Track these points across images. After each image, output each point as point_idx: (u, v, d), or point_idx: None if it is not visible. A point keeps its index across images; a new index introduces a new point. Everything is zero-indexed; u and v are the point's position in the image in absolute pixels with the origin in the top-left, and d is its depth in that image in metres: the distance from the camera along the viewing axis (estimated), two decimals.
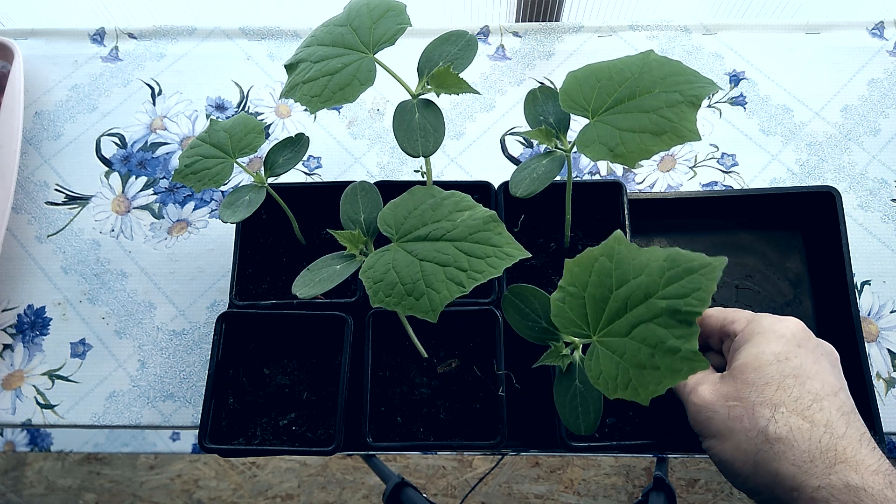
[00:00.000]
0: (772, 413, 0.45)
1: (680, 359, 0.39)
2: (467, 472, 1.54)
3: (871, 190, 0.74)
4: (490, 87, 0.82)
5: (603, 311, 0.42)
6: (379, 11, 0.53)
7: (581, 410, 0.46)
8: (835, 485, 0.41)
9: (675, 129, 0.46)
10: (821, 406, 0.45)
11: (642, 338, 0.40)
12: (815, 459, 0.43)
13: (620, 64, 0.50)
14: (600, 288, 0.42)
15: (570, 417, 0.46)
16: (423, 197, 0.49)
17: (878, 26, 0.83)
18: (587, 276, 0.43)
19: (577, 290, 0.43)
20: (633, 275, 0.41)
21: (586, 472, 1.54)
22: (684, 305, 0.39)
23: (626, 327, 0.41)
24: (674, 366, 0.39)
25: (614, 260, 0.42)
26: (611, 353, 0.41)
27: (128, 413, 0.68)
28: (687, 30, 0.84)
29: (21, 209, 0.77)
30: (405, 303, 0.44)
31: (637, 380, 0.40)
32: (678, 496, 1.49)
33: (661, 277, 0.40)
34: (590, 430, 0.46)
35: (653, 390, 0.39)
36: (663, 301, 0.40)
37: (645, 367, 0.39)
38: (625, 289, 0.41)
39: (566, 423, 0.47)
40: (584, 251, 0.43)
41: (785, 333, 0.48)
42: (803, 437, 0.43)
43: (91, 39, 0.87)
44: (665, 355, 0.39)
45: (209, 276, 0.73)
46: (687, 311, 0.39)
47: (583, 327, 0.43)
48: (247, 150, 0.58)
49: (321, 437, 0.58)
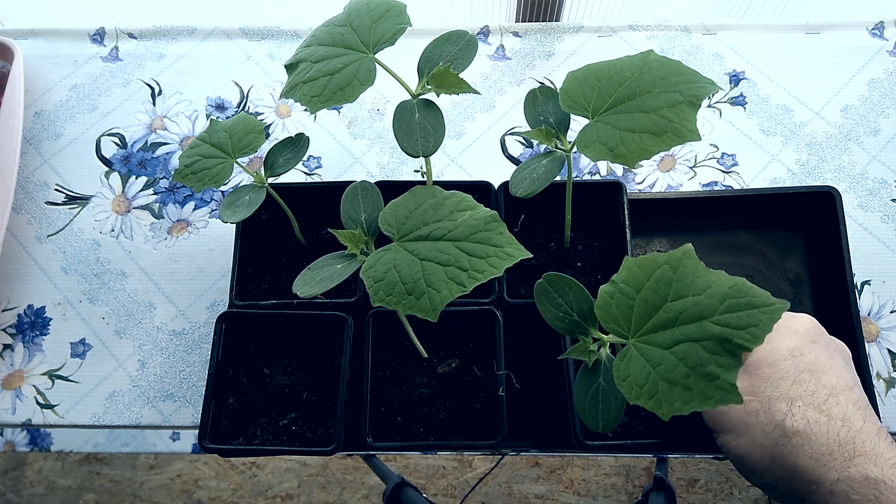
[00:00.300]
0: (788, 407, 0.45)
1: (715, 387, 0.38)
2: (467, 472, 1.54)
3: (871, 190, 0.74)
4: (490, 87, 0.82)
5: (650, 318, 0.41)
6: (379, 11, 0.53)
7: (602, 408, 0.46)
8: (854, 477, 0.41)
9: (675, 129, 0.46)
10: (837, 400, 0.45)
11: (683, 355, 0.39)
12: (833, 453, 0.43)
13: (620, 64, 0.50)
14: (655, 294, 0.41)
15: (590, 414, 0.46)
16: (424, 197, 0.49)
17: (878, 26, 0.83)
18: (645, 279, 0.42)
19: (630, 289, 0.42)
20: (694, 293, 0.41)
21: (586, 472, 1.54)
22: (737, 337, 0.39)
23: (670, 340, 0.40)
24: (707, 392, 0.38)
25: (678, 272, 0.42)
26: (645, 361, 0.40)
27: (128, 413, 0.68)
28: (687, 30, 0.84)
29: (21, 209, 0.77)
30: (406, 302, 0.44)
31: (664, 394, 0.39)
32: (678, 496, 1.49)
33: (721, 303, 0.40)
34: (608, 428, 0.45)
35: (677, 409, 0.39)
36: (717, 327, 0.39)
37: (676, 385, 0.39)
38: (680, 303, 0.41)
39: (584, 420, 0.46)
40: (648, 254, 0.43)
41: (799, 329, 0.48)
42: (821, 430, 0.43)
43: (91, 39, 0.87)
44: (701, 379, 0.38)
45: (209, 276, 0.73)
46: (738, 343, 0.38)
47: (623, 327, 0.42)
48: (247, 150, 0.58)
49: (321, 437, 0.58)
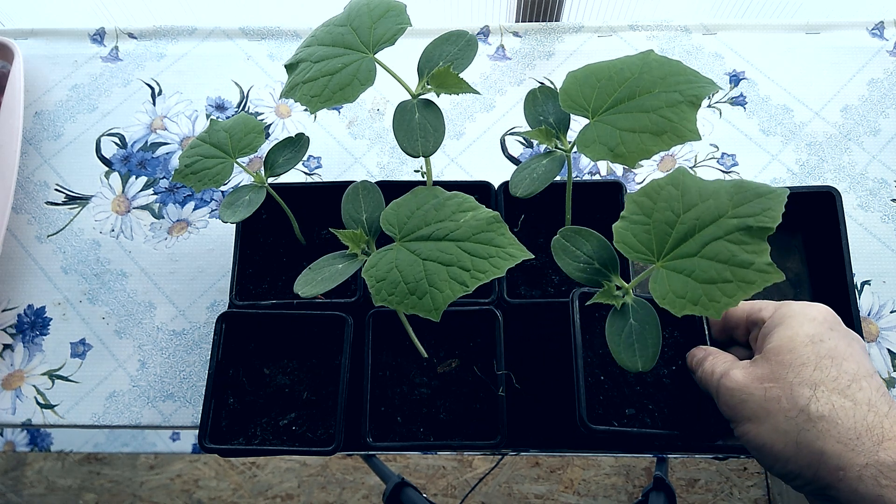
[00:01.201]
0: (812, 392, 0.44)
1: (753, 271, 0.40)
2: (467, 472, 1.54)
3: (871, 190, 0.74)
4: (490, 87, 0.82)
5: (669, 235, 0.43)
6: (379, 11, 0.53)
7: (638, 347, 0.46)
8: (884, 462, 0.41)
9: (675, 128, 0.46)
10: (860, 385, 0.44)
11: (713, 254, 0.41)
12: (861, 437, 0.42)
13: (620, 64, 0.50)
14: (667, 212, 0.43)
15: (626, 355, 0.46)
16: (426, 197, 0.49)
17: (878, 26, 0.83)
18: (652, 203, 0.44)
19: (642, 217, 0.44)
20: (702, 199, 0.43)
21: (586, 472, 1.54)
22: (756, 222, 0.41)
23: (697, 246, 0.42)
24: (747, 277, 0.40)
25: (680, 188, 0.43)
26: (678, 273, 0.42)
27: (128, 413, 0.68)
28: (687, 30, 0.84)
29: (21, 209, 0.77)
30: (408, 301, 0.44)
31: (708, 294, 0.41)
32: (678, 496, 1.49)
33: (730, 200, 0.42)
34: (647, 365, 0.46)
35: (725, 303, 0.40)
36: (734, 219, 0.41)
37: (716, 282, 0.41)
38: (693, 212, 0.43)
39: (621, 362, 0.47)
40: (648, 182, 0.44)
41: (816, 317, 0.48)
42: (847, 414, 0.43)
43: (91, 39, 0.87)
44: (738, 268, 0.40)
45: (209, 276, 0.73)
46: (759, 226, 0.40)
47: (647, 253, 0.43)
48: (247, 150, 0.58)
49: (321, 437, 0.58)
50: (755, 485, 1.52)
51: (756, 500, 1.50)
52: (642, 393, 0.57)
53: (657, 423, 0.56)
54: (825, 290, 0.68)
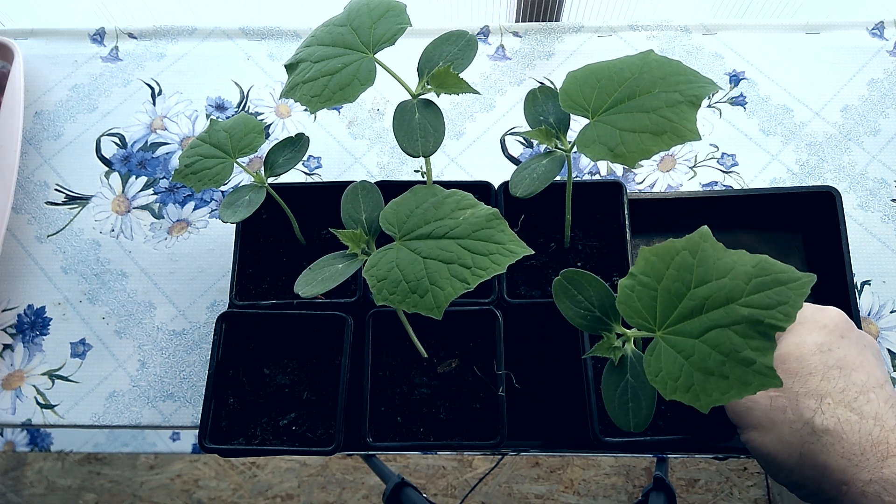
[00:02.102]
0: (818, 404, 0.43)
1: (752, 372, 0.37)
2: (467, 472, 1.54)
3: (871, 190, 0.74)
4: (490, 87, 0.82)
5: (675, 308, 0.40)
6: (379, 11, 0.53)
7: (632, 406, 0.44)
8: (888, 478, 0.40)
9: (675, 128, 0.46)
10: (868, 398, 0.43)
11: (715, 343, 0.38)
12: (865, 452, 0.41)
13: (620, 64, 0.50)
14: (677, 283, 0.40)
15: (619, 413, 0.44)
16: (425, 195, 0.49)
17: (878, 26, 0.83)
18: (664, 268, 0.41)
19: (651, 280, 0.41)
20: (717, 276, 0.39)
21: (586, 472, 1.54)
22: (768, 317, 0.37)
23: (700, 329, 0.39)
24: (744, 378, 0.37)
25: (697, 257, 0.40)
26: (676, 353, 0.39)
27: (128, 413, 0.68)
28: (687, 30, 0.84)
29: (21, 209, 0.77)
30: (409, 300, 0.44)
31: (701, 385, 0.38)
32: (678, 496, 1.49)
33: (746, 284, 0.39)
34: (640, 427, 0.44)
35: (716, 399, 0.38)
36: (746, 309, 0.38)
37: (712, 374, 0.38)
38: (704, 288, 0.39)
39: (614, 419, 0.45)
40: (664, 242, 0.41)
41: (827, 324, 0.47)
42: (852, 429, 0.42)
43: (91, 39, 0.87)
44: (737, 365, 0.37)
45: (209, 276, 0.73)
46: (769, 323, 0.37)
47: (649, 320, 0.41)
48: (247, 150, 0.58)
49: (321, 437, 0.58)
50: (755, 485, 1.52)
51: (756, 500, 1.50)
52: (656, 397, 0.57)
53: (669, 427, 0.56)
54: (825, 290, 0.68)
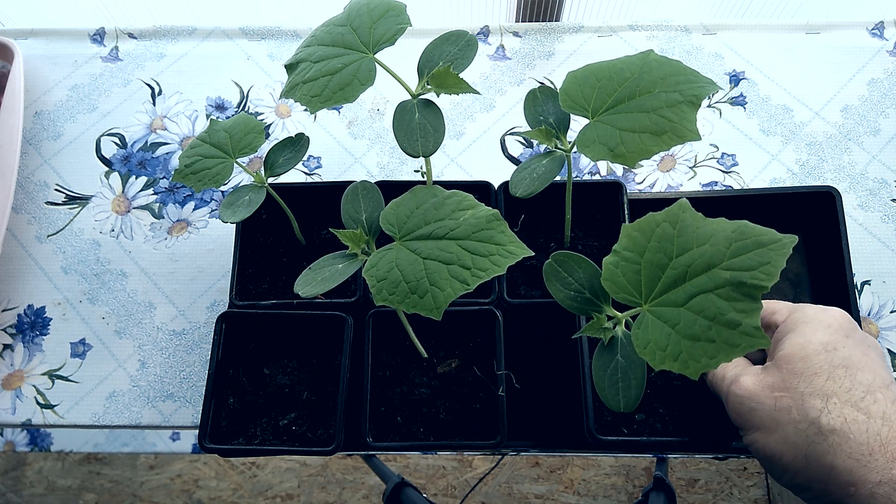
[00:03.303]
0: (823, 404, 0.42)
1: (739, 333, 0.37)
2: (467, 472, 1.54)
3: (871, 190, 0.74)
4: (490, 87, 0.82)
5: (659, 279, 0.40)
6: (379, 11, 0.53)
7: (622, 386, 0.44)
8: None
9: (675, 128, 0.46)
10: (874, 398, 0.42)
11: (700, 309, 0.38)
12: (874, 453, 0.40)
13: (620, 64, 0.50)
14: (659, 254, 0.40)
15: (610, 393, 0.44)
16: (425, 196, 0.49)
17: (878, 26, 0.83)
18: (646, 241, 0.41)
19: (633, 255, 0.41)
20: (697, 244, 0.40)
21: (586, 472, 1.54)
22: (750, 278, 0.37)
23: (684, 297, 0.39)
24: (731, 340, 0.37)
25: (677, 227, 0.41)
26: (662, 323, 0.39)
27: (128, 413, 0.68)
28: (687, 30, 0.84)
29: (21, 209, 0.77)
30: (409, 301, 0.44)
31: (689, 352, 0.38)
32: (678, 496, 1.49)
33: (727, 248, 0.39)
34: (630, 407, 0.44)
35: (704, 364, 0.38)
36: (727, 272, 0.38)
37: (699, 340, 0.38)
38: (686, 257, 0.40)
39: (605, 400, 0.44)
40: (645, 215, 0.41)
41: (832, 323, 0.46)
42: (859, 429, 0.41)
43: (91, 39, 0.87)
44: (723, 328, 0.38)
45: (209, 276, 0.73)
46: (753, 284, 0.37)
47: (634, 294, 0.41)
48: (247, 150, 0.58)
49: (321, 437, 0.58)
50: (755, 485, 1.52)
51: (756, 500, 1.50)
52: (653, 397, 0.57)
53: (668, 428, 0.56)
54: (825, 290, 0.68)
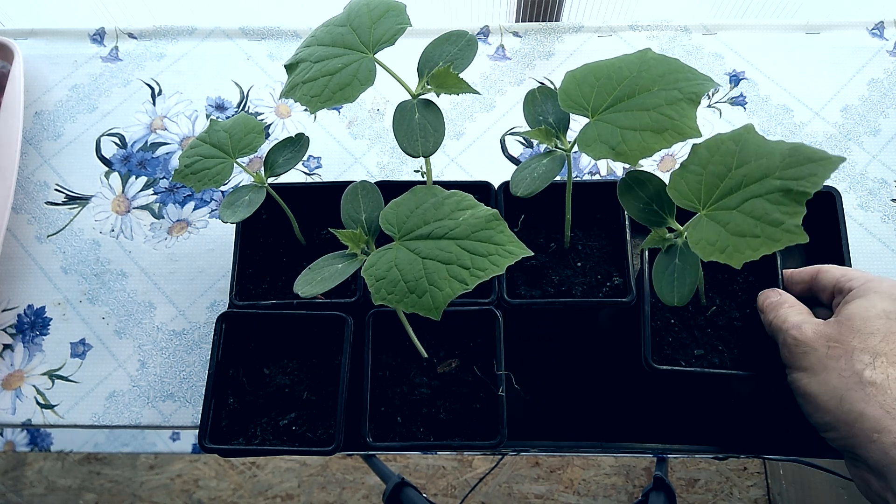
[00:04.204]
0: (871, 359, 0.46)
1: (781, 230, 0.42)
2: (467, 472, 1.54)
3: (871, 190, 0.74)
4: (490, 87, 0.82)
5: (717, 187, 0.45)
6: (379, 11, 0.53)
7: (677, 284, 0.49)
8: None
9: (675, 126, 0.46)
10: None
11: (750, 210, 0.44)
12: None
13: (618, 63, 0.50)
14: (720, 167, 0.45)
15: (666, 290, 0.49)
16: (424, 196, 0.49)
17: (878, 26, 0.83)
18: (710, 156, 0.46)
19: (698, 167, 0.46)
20: (756, 158, 0.45)
21: (586, 472, 1.54)
22: (797, 186, 0.42)
23: (738, 201, 0.44)
24: (774, 235, 0.42)
25: (740, 144, 0.46)
26: (715, 223, 0.45)
27: (128, 413, 0.68)
28: (687, 30, 0.84)
29: (21, 209, 0.77)
30: (408, 300, 0.44)
31: (735, 245, 0.43)
32: (678, 496, 1.49)
33: (781, 161, 0.44)
34: (683, 300, 0.49)
35: (748, 255, 0.43)
36: (778, 180, 0.43)
37: (745, 235, 0.43)
38: (744, 168, 0.45)
39: (661, 296, 0.49)
40: (714, 135, 0.46)
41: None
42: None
43: (91, 39, 0.87)
44: (768, 226, 0.43)
45: (209, 276, 0.73)
46: (799, 190, 0.42)
47: (694, 201, 0.46)
48: (247, 150, 0.58)
49: (321, 437, 0.58)
50: (755, 485, 1.52)
51: (756, 500, 1.50)
52: (713, 335, 0.59)
53: (725, 364, 0.57)
54: None
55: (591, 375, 0.66)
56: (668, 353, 0.58)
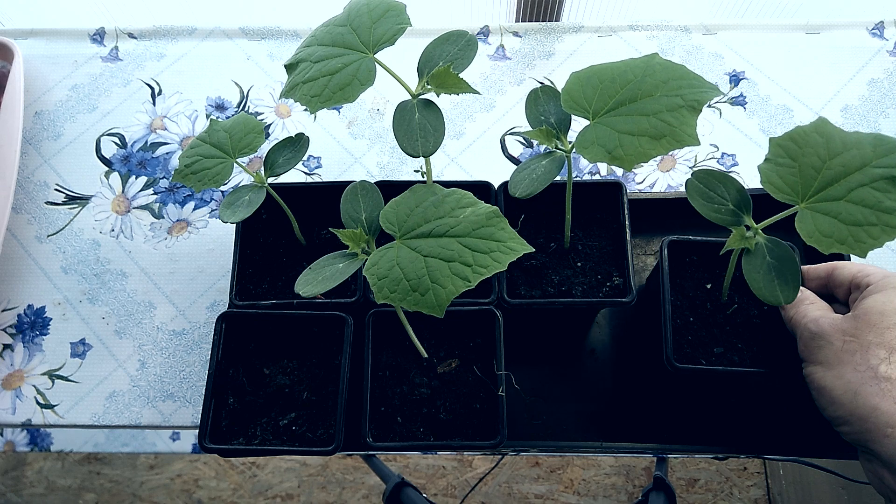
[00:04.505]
0: (887, 355, 0.47)
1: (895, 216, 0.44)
2: (467, 472, 1.54)
3: None
4: (490, 87, 0.82)
5: (815, 179, 0.46)
6: (379, 11, 0.53)
7: (778, 283, 0.49)
8: None
9: (674, 133, 0.46)
10: None
11: (860, 199, 0.45)
12: None
13: (624, 66, 0.50)
14: (813, 158, 0.46)
15: (768, 291, 0.49)
16: (425, 194, 0.49)
17: (878, 26, 0.83)
18: (798, 148, 0.47)
19: (787, 160, 0.47)
20: (845, 149, 0.46)
21: (586, 472, 1.54)
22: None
23: (843, 191, 0.45)
24: (890, 222, 0.44)
25: (825, 136, 0.47)
26: (824, 215, 0.46)
27: (128, 413, 0.68)
28: (687, 30, 0.84)
29: (21, 209, 0.77)
30: (410, 298, 0.44)
31: (854, 235, 0.45)
32: (678, 496, 1.49)
33: (872, 151, 0.45)
34: (790, 299, 0.48)
35: (871, 244, 0.45)
36: (878, 169, 0.45)
37: (862, 225, 0.45)
38: (839, 159, 0.46)
39: (763, 298, 0.49)
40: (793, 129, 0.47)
41: None
42: None
43: (91, 39, 0.87)
44: (882, 214, 0.44)
45: (209, 276, 0.73)
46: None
47: (793, 194, 0.46)
48: (247, 150, 0.58)
49: (321, 437, 0.58)
50: (755, 485, 1.52)
51: (756, 500, 1.50)
52: (732, 333, 0.59)
53: (745, 362, 0.57)
54: None
55: (591, 375, 0.66)
56: (688, 352, 0.58)
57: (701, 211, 0.51)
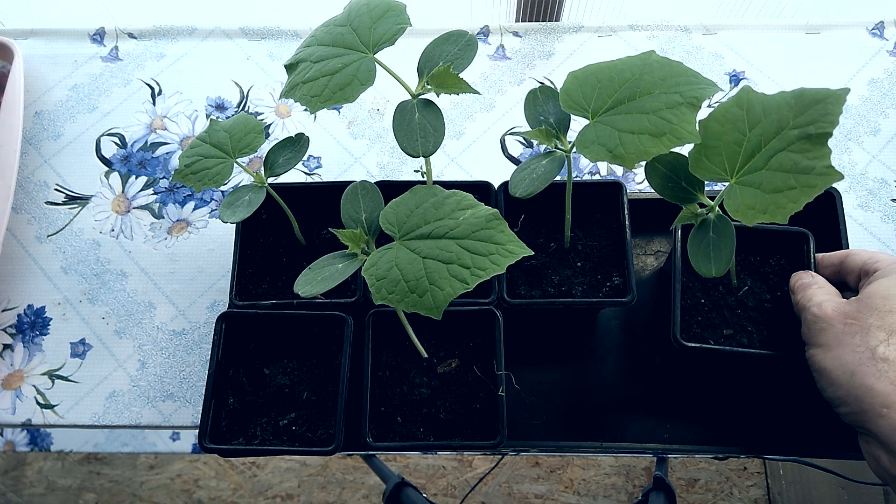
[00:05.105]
0: (886, 336, 0.47)
1: (815, 175, 0.43)
2: (467, 472, 1.54)
3: (871, 190, 0.74)
4: (490, 87, 0.82)
5: (738, 154, 0.46)
6: (379, 11, 0.53)
7: (714, 256, 0.50)
8: None
9: (674, 130, 0.46)
10: None
11: (778, 165, 0.45)
12: None
13: (621, 64, 0.50)
14: (734, 133, 0.46)
15: (703, 263, 0.50)
16: (425, 196, 0.49)
17: (878, 26, 0.83)
18: (720, 126, 0.47)
19: (713, 140, 0.47)
20: (765, 115, 0.46)
21: (586, 472, 1.54)
22: (816, 129, 0.44)
23: (763, 161, 0.45)
24: (809, 182, 0.43)
25: (745, 107, 0.46)
26: (748, 188, 0.46)
27: (128, 413, 0.68)
28: (687, 30, 0.84)
29: (21, 209, 0.77)
30: (408, 300, 0.44)
31: (775, 202, 0.44)
32: (678, 496, 1.49)
33: (790, 111, 0.45)
34: (720, 272, 0.49)
35: (791, 208, 0.44)
36: (795, 130, 0.44)
37: (782, 190, 0.44)
38: (758, 128, 0.46)
39: (698, 269, 0.50)
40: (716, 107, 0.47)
41: None
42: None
43: (91, 39, 0.87)
44: (800, 175, 0.44)
45: (209, 276, 0.73)
46: (818, 133, 0.44)
47: (722, 173, 0.47)
48: (247, 150, 0.58)
49: (321, 437, 0.58)
50: (755, 485, 1.52)
51: (756, 500, 1.50)
52: (742, 316, 0.59)
53: (754, 344, 0.58)
54: None
55: (591, 375, 0.66)
56: (696, 332, 0.58)
57: (656, 188, 0.52)
